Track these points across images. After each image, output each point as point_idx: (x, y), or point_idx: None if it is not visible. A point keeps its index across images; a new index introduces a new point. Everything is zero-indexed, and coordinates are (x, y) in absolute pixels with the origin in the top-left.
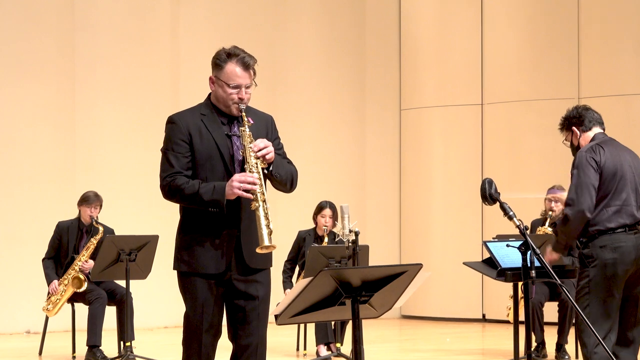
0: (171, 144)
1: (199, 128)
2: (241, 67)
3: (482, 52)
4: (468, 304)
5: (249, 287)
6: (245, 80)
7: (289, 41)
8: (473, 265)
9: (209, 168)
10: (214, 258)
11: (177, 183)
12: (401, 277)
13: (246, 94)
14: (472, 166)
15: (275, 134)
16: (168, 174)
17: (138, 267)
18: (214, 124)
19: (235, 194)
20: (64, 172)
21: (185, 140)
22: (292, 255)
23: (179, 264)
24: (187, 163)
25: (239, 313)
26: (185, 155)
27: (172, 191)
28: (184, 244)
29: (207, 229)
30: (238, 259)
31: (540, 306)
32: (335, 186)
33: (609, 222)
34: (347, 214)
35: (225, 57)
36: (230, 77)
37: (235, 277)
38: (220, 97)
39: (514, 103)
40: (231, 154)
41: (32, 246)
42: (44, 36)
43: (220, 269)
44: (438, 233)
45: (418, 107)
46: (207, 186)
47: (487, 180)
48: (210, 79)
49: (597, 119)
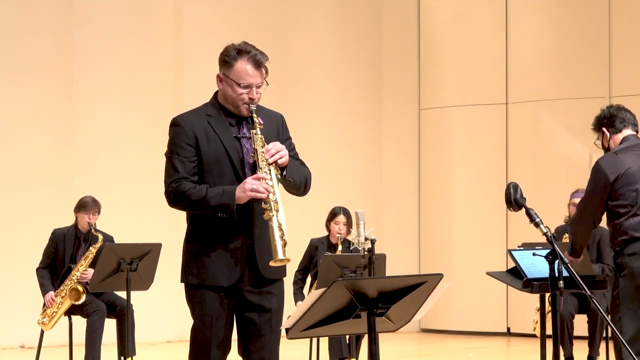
0: (176, 148)
1: (205, 130)
2: (252, 65)
3: (506, 48)
4: (492, 316)
5: (261, 299)
6: (257, 80)
7: (300, 37)
8: (497, 276)
9: (217, 173)
10: (225, 269)
11: (183, 189)
12: (420, 288)
13: (257, 93)
14: (496, 169)
15: (287, 134)
16: (173, 180)
17: (139, 278)
18: (221, 126)
19: (247, 196)
20: (60, 176)
21: (190, 143)
22: (303, 264)
23: (187, 276)
24: (193, 168)
25: (250, 326)
26: (191, 159)
27: (178, 198)
28: (191, 255)
29: (217, 237)
30: (251, 269)
31: (569, 318)
32: (350, 191)
33: (635, 230)
34: (363, 221)
35: (235, 54)
36: (241, 75)
37: (247, 288)
38: (228, 97)
39: (540, 102)
40: (241, 157)
41: (26, 255)
42: (40, 32)
43: (232, 280)
44: (460, 241)
45: (438, 107)
46: (215, 190)
47: (512, 185)
48: (218, 76)
49: (630, 120)
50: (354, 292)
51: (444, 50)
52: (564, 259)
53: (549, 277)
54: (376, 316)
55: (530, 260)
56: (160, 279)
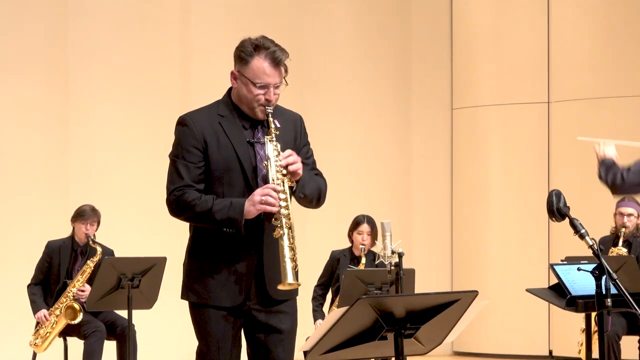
0: (181, 151)
1: (216, 133)
2: (270, 62)
3: (548, 40)
4: (532, 338)
5: (271, 318)
6: (275, 79)
7: (319, 29)
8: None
9: (226, 182)
10: (229, 290)
11: (186, 198)
12: (453, 306)
13: (274, 94)
14: (536, 175)
15: (305, 139)
16: (176, 187)
17: (142, 295)
18: (234, 128)
19: (257, 209)
20: (54, 182)
21: (198, 147)
22: (324, 279)
23: (187, 293)
24: (199, 175)
25: (261, 349)
26: (198, 165)
27: (180, 207)
28: (193, 272)
29: (222, 254)
30: (259, 289)
31: (616, 340)
32: (375, 199)
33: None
34: (389, 232)
35: (251, 50)
36: (257, 74)
37: (255, 307)
38: (243, 97)
39: (586, 101)
40: (253, 165)
41: (17, 269)
42: (30, 23)
43: (236, 300)
44: (496, 254)
45: (473, 106)
46: (222, 202)
47: (555, 192)
48: (232, 73)
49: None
50: (380, 311)
51: (478, 44)
52: (612, 274)
53: (595, 295)
54: (404, 338)
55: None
56: (164, 297)
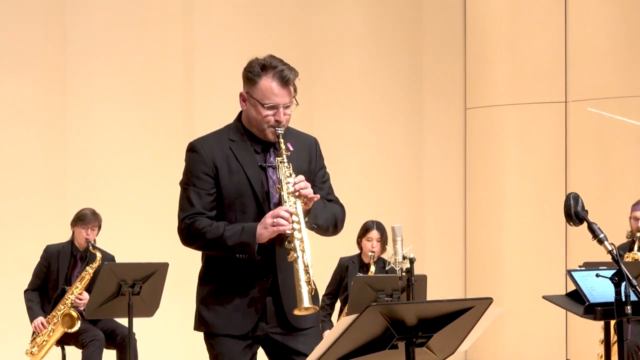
0: (192, 178)
1: (227, 159)
2: (279, 82)
3: (566, 38)
4: (549, 347)
5: (293, 341)
6: (284, 99)
7: (327, 25)
8: (555, 300)
9: (238, 208)
10: (243, 315)
11: (197, 226)
12: (467, 314)
13: (285, 115)
14: (553, 178)
15: (320, 162)
16: (187, 215)
17: (143, 302)
18: (245, 153)
19: (270, 232)
20: (52, 184)
21: (209, 173)
22: (332, 287)
23: (199, 324)
24: (211, 202)
25: None
26: (209, 192)
27: (193, 236)
28: (205, 299)
29: (235, 279)
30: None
31: (636, 349)
32: (385, 202)
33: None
34: (400, 237)
35: (258, 70)
36: (265, 95)
37: (274, 331)
38: (253, 119)
39: (605, 100)
40: (266, 190)
41: (13, 275)
42: (27, 18)
43: (250, 327)
44: (512, 260)
45: (487, 106)
46: (233, 228)
47: (573, 195)
48: (241, 95)
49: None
50: (390, 319)
51: (493, 40)
52: (632, 280)
53: (615, 302)
54: (416, 347)
55: (593, 282)
56: (166, 304)
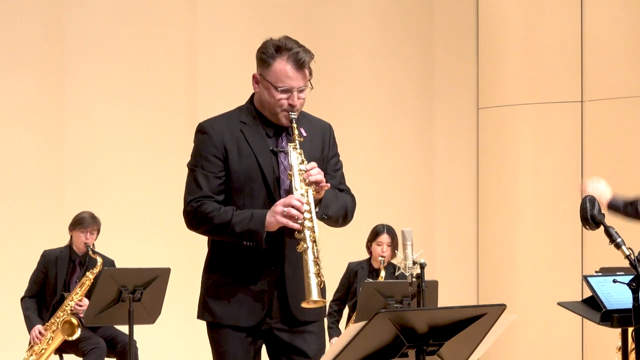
0: (201, 160)
1: (237, 141)
2: (293, 65)
3: (582, 36)
4: (564, 355)
5: (296, 338)
6: (298, 82)
7: (335, 21)
8: (570, 307)
9: (247, 193)
10: (248, 306)
11: (204, 210)
12: (479, 321)
13: (299, 99)
14: (569, 180)
15: (334, 149)
16: (194, 198)
17: (144, 309)
18: (256, 137)
19: (279, 222)
20: (49, 186)
21: (219, 156)
22: (340, 293)
23: (203, 312)
24: (219, 185)
25: None
26: (218, 175)
27: (199, 220)
28: (211, 288)
29: (242, 268)
30: (282, 307)
31: None
32: (395, 205)
33: None
34: (411, 241)
35: (273, 52)
36: (279, 77)
37: (277, 326)
38: (265, 102)
39: (622, 100)
40: (276, 175)
41: (9, 281)
42: (24, 14)
43: (255, 319)
44: (526, 265)
45: (500, 105)
46: (242, 214)
47: (589, 198)
48: (254, 77)
49: None
50: (400, 326)
51: (507, 37)
52: None
53: (633, 309)
54: (427, 355)
55: (610, 288)
56: (168, 311)
